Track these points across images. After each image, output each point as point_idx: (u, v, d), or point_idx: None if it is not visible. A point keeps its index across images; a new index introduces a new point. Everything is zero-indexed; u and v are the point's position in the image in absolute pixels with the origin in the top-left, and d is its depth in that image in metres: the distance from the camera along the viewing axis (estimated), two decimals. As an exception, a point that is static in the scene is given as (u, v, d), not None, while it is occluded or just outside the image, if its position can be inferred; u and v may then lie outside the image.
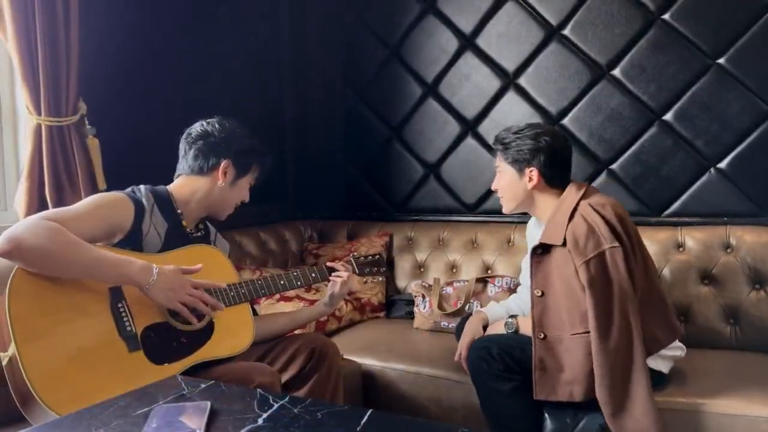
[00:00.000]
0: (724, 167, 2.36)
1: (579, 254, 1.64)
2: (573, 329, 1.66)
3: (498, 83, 2.76)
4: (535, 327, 1.70)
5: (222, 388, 1.14)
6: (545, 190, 1.83)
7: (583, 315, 1.63)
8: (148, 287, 1.42)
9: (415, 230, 2.85)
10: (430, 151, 2.94)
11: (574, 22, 2.58)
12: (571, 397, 1.66)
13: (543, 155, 1.80)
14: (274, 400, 1.07)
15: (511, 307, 2.03)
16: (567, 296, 1.67)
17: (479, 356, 1.72)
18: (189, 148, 1.70)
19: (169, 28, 2.53)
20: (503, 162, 1.87)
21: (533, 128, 1.84)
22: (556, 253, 1.72)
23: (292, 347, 1.75)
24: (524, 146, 1.81)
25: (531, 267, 1.75)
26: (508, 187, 1.87)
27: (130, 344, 1.43)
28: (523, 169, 1.82)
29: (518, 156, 1.82)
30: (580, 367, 1.64)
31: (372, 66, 3.05)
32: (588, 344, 1.62)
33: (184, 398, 1.10)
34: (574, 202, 1.74)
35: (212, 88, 2.72)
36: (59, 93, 1.96)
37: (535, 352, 1.68)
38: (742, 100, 2.31)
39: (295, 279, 1.77)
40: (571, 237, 1.67)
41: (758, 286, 2.14)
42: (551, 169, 1.81)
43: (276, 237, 2.87)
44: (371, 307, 2.63)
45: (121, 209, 1.54)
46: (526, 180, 1.83)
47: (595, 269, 1.62)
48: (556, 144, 1.82)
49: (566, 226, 1.69)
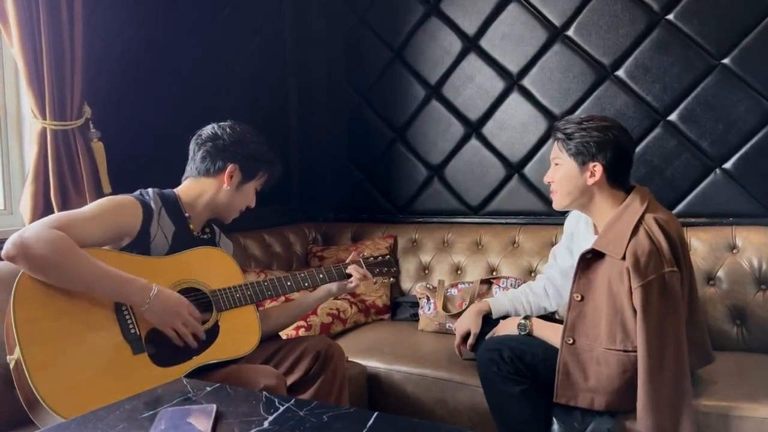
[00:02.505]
0: (730, 168, 2.35)
1: (638, 275, 1.52)
2: (609, 344, 1.58)
3: (502, 85, 2.76)
4: (566, 331, 1.64)
5: (228, 391, 1.14)
6: (605, 189, 1.69)
7: (626, 333, 1.56)
8: (143, 308, 1.43)
9: (420, 232, 2.85)
10: (434, 152, 2.94)
11: (578, 23, 2.58)
12: (591, 405, 1.62)
13: (610, 150, 1.64)
14: (279, 402, 1.07)
15: (519, 298, 1.99)
16: (610, 310, 1.58)
17: (490, 358, 1.69)
18: (198, 149, 1.70)
19: (174, 31, 2.54)
20: (563, 153, 1.71)
21: (600, 120, 1.69)
22: (607, 262, 1.60)
23: (297, 350, 1.75)
24: (590, 138, 1.65)
25: (576, 269, 1.65)
26: (565, 180, 1.71)
27: (134, 347, 1.43)
28: (587, 162, 1.66)
29: (582, 148, 1.66)
30: (608, 381, 1.58)
31: (375, 68, 3.06)
32: (623, 362, 1.56)
33: (189, 401, 1.10)
34: (638, 213, 1.61)
35: (216, 92, 2.73)
36: (64, 97, 1.96)
37: (561, 356, 1.64)
38: (747, 100, 2.30)
39: (302, 280, 1.76)
40: (632, 254, 1.54)
41: (764, 286, 2.12)
42: (616, 167, 1.67)
43: (280, 239, 2.88)
44: (376, 309, 2.63)
45: (129, 213, 1.54)
46: (587, 175, 1.67)
47: (652, 293, 1.52)
48: (624, 140, 1.68)
49: (629, 239, 1.57)
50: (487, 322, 1.93)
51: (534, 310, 1.99)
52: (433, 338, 2.36)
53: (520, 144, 2.74)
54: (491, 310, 1.96)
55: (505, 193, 2.79)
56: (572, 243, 1.93)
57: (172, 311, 1.46)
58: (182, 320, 1.48)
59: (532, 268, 2.51)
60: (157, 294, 1.44)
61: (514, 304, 1.98)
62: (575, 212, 1.91)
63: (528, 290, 2.02)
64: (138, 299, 1.43)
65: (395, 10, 2.98)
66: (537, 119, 2.69)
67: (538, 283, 2.03)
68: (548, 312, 2.03)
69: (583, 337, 1.63)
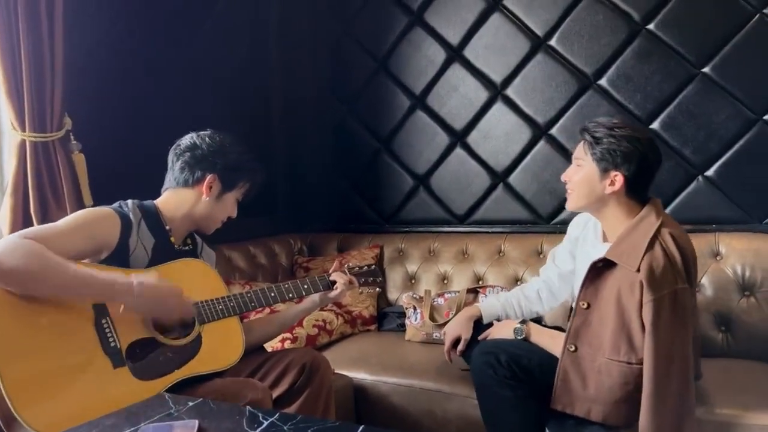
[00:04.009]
0: (712, 175, 2.37)
1: (651, 289, 1.50)
2: (613, 355, 1.56)
3: (486, 94, 2.77)
4: (569, 337, 1.62)
5: (210, 406, 1.12)
6: (622, 200, 1.66)
7: (631, 346, 1.54)
8: (132, 302, 1.40)
9: (406, 242, 2.84)
10: (419, 162, 2.94)
11: (560, 32, 2.60)
12: (588, 415, 1.60)
13: (635, 163, 1.60)
14: (263, 417, 1.05)
15: (511, 302, 1.98)
16: (617, 320, 1.56)
17: (486, 362, 1.66)
18: (176, 159, 1.68)
19: (156, 41, 2.52)
20: (587, 155, 1.66)
21: (631, 129, 1.63)
22: (618, 272, 1.57)
23: (282, 362, 1.73)
24: (618, 147, 1.60)
25: (585, 277, 1.63)
26: (583, 183, 1.67)
27: (114, 360, 1.40)
28: (609, 170, 1.63)
29: (608, 155, 1.62)
30: (609, 392, 1.57)
31: (360, 78, 3.06)
32: (625, 374, 1.54)
33: (171, 417, 1.08)
34: (654, 227, 1.58)
35: (200, 102, 2.71)
36: (44, 108, 1.94)
37: (562, 363, 1.63)
38: (727, 108, 2.33)
39: (286, 291, 1.74)
40: (647, 267, 1.51)
41: (748, 292, 2.14)
42: (638, 180, 1.63)
43: (265, 250, 2.85)
44: (362, 320, 2.61)
45: (107, 225, 1.51)
46: (607, 182, 1.64)
47: (663, 308, 1.50)
48: (651, 155, 1.64)
49: (644, 251, 1.54)
50: (478, 327, 1.92)
51: (525, 314, 1.97)
52: (420, 348, 2.35)
53: (504, 153, 2.75)
54: (482, 316, 1.95)
55: (491, 202, 2.80)
56: (576, 248, 1.90)
57: (162, 296, 1.45)
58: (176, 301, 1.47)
59: (518, 277, 2.51)
60: (139, 286, 1.41)
61: (506, 308, 1.97)
62: (583, 216, 1.90)
63: (520, 294, 2.00)
64: (123, 296, 1.40)
65: (379, 21, 2.99)
66: (521, 128, 2.70)
67: (531, 286, 2.01)
68: (539, 316, 2.02)
69: (585, 345, 1.61)
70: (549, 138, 2.65)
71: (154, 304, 1.44)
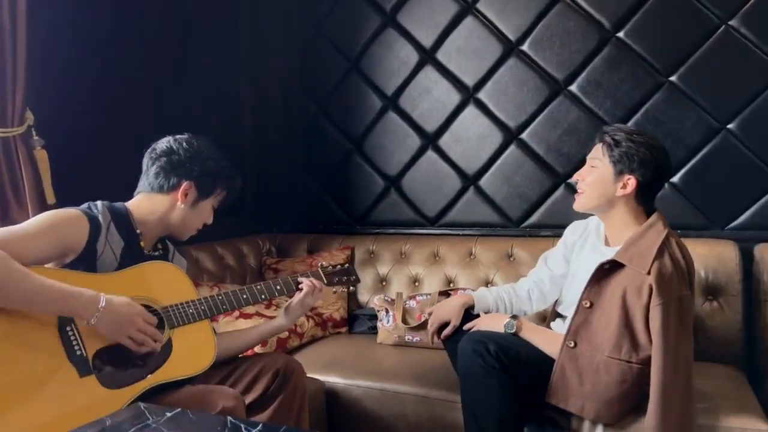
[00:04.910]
0: (677, 181, 2.43)
1: (661, 293, 1.55)
2: (614, 353, 1.61)
3: (458, 97, 2.78)
4: (569, 334, 1.67)
5: (190, 417, 1.08)
6: (630, 204, 1.72)
7: (633, 345, 1.60)
8: (93, 322, 1.35)
9: (377, 243, 2.83)
10: (390, 164, 2.93)
11: (533, 38, 2.62)
12: (581, 412, 1.65)
13: (650, 169, 1.67)
14: (246, 428, 1.02)
15: (503, 297, 1.99)
16: (621, 320, 1.61)
17: (475, 350, 1.67)
18: (152, 164, 1.62)
19: (123, 37, 2.44)
20: (604, 157, 1.71)
21: (649, 137, 1.70)
22: (625, 274, 1.63)
23: (255, 368, 1.70)
24: (636, 152, 1.66)
25: (591, 277, 1.67)
26: (596, 183, 1.72)
27: (80, 369, 1.35)
28: (623, 173, 1.68)
29: (625, 158, 1.67)
30: (605, 389, 1.61)
31: (332, 78, 3.03)
32: (624, 372, 1.59)
33: (149, 429, 1.04)
34: (662, 234, 1.64)
35: (167, 100, 2.64)
36: (4, 102, 1.86)
37: (560, 359, 1.67)
38: (693, 116, 2.39)
39: (258, 292, 1.70)
40: (658, 272, 1.57)
41: (711, 297, 2.20)
42: (649, 186, 1.70)
43: (234, 251, 2.80)
44: (333, 322, 2.59)
45: (74, 228, 1.45)
46: (619, 185, 1.69)
47: (670, 313, 1.55)
48: (665, 165, 1.71)
49: (654, 257, 1.59)
50: (467, 315, 1.93)
51: (515, 311, 1.99)
52: (392, 351, 2.34)
53: (476, 156, 2.76)
54: (474, 304, 1.95)
55: (461, 205, 2.81)
56: (571, 253, 1.94)
57: (125, 321, 1.39)
58: (137, 327, 1.40)
59: (489, 280, 2.53)
60: (106, 305, 1.36)
61: (497, 302, 1.99)
62: (581, 223, 1.95)
63: (512, 291, 2.02)
64: (86, 312, 1.34)
65: (352, 21, 2.96)
66: (492, 132, 2.72)
67: (522, 285, 2.04)
68: (526, 316, 2.04)
69: (585, 343, 1.66)
70: (520, 142, 2.68)
71: (117, 325, 1.38)
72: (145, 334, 1.42)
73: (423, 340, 2.34)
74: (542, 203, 2.66)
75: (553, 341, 1.73)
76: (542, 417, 1.77)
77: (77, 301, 1.33)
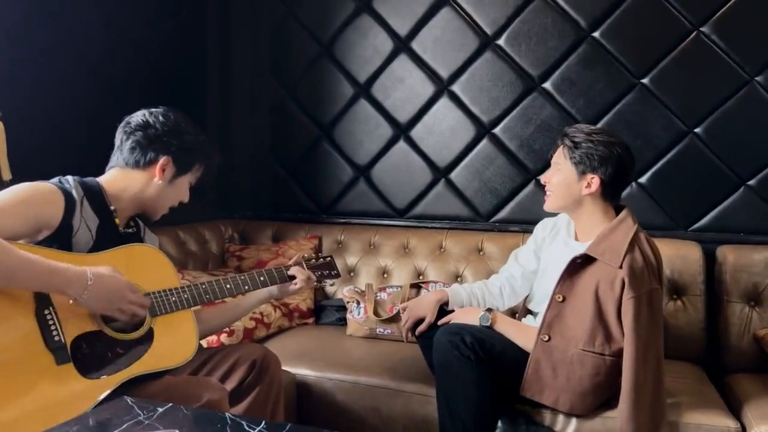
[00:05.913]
0: (644, 182, 2.49)
1: (632, 287, 1.59)
2: (587, 346, 1.64)
3: (432, 88, 2.75)
4: (543, 328, 1.69)
5: (184, 412, 1.01)
6: (597, 202, 1.76)
7: (606, 338, 1.63)
8: (84, 297, 1.26)
9: (345, 234, 2.77)
10: (360, 153, 2.88)
11: (509, 32, 2.62)
12: (555, 404, 1.68)
13: (611, 166, 1.70)
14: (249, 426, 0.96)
15: (476, 294, 2.00)
16: (594, 313, 1.64)
17: (450, 341, 1.67)
18: (126, 138, 1.52)
19: (84, 9, 2.28)
20: (566, 159, 1.75)
21: (607, 135, 1.74)
22: (596, 268, 1.66)
23: (230, 358, 1.64)
24: (595, 151, 1.70)
25: (564, 272, 1.70)
26: (561, 185, 1.77)
27: (58, 356, 1.25)
28: (586, 173, 1.72)
29: (586, 159, 1.71)
30: (579, 381, 1.65)
31: (302, 62, 2.94)
32: (597, 365, 1.63)
33: (141, 425, 0.96)
34: (632, 230, 1.68)
35: (129, 74, 2.50)
36: (-42, 68, 1.70)
37: (534, 352, 1.69)
38: (661, 119, 2.44)
39: (242, 283, 1.64)
40: (629, 266, 1.61)
41: (675, 296, 2.26)
42: (613, 183, 1.73)
43: (196, 237, 2.69)
44: (300, 313, 2.52)
45: (49, 202, 1.35)
46: (583, 185, 1.73)
47: (642, 306, 1.59)
48: (627, 159, 1.74)
49: (625, 251, 1.63)
50: (441, 312, 1.92)
51: (488, 302, 2.01)
52: (363, 344, 2.30)
53: (447, 149, 2.74)
54: (448, 300, 1.95)
55: (432, 197, 2.79)
56: (541, 249, 1.96)
57: (116, 297, 1.32)
58: (128, 300, 1.34)
59: (459, 273, 2.52)
60: (95, 281, 1.28)
61: (470, 298, 1.99)
62: (551, 220, 1.98)
63: (485, 288, 2.03)
64: (73, 289, 1.26)
65: (325, 3, 2.88)
66: (465, 125, 2.71)
67: (494, 282, 2.05)
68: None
69: (558, 336, 1.68)
70: (492, 137, 2.68)
71: (107, 301, 1.30)
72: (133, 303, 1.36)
73: (394, 332, 2.31)
74: (512, 198, 2.67)
75: (528, 334, 1.75)
76: (516, 410, 1.78)
77: (63, 277, 1.24)
